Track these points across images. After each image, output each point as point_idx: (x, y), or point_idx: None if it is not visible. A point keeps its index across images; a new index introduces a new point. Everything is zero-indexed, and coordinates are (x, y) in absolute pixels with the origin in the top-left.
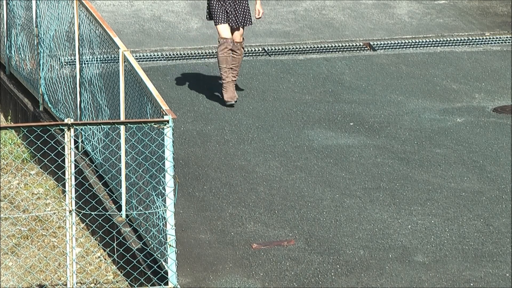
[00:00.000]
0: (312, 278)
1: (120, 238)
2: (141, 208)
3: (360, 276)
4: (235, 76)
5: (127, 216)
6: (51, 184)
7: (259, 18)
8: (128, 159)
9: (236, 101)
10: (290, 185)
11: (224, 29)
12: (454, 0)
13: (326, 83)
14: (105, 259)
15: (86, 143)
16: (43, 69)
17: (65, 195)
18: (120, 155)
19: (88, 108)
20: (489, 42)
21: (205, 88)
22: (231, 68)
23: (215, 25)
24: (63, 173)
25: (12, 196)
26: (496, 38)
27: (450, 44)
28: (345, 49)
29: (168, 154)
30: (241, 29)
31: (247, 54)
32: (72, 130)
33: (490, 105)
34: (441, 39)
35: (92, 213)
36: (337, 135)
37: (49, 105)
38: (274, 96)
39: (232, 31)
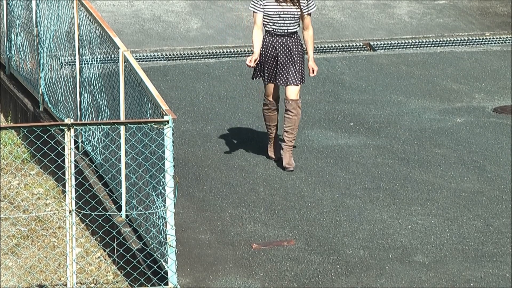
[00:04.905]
0: (312, 278)
1: (120, 238)
2: (141, 208)
3: (360, 276)
4: (292, 140)
5: (127, 216)
6: (51, 184)
7: (314, 76)
8: (128, 159)
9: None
10: (290, 185)
11: (270, 91)
12: (454, 0)
13: (326, 83)
14: (105, 259)
15: (86, 143)
16: (43, 69)
17: (65, 195)
18: (120, 155)
19: (88, 108)
20: (489, 42)
21: (205, 88)
22: (285, 131)
23: (263, 80)
24: (63, 173)
25: (12, 196)
26: (496, 38)
27: (450, 44)
28: (345, 49)
29: (168, 154)
30: (296, 87)
31: (248, 54)
32: (72, 130)
33: (490, 105)
34: (441, 39)
35: (92, 213)
36: (337, 135)
37: (49, 105)
38: None
39: (286, 88)
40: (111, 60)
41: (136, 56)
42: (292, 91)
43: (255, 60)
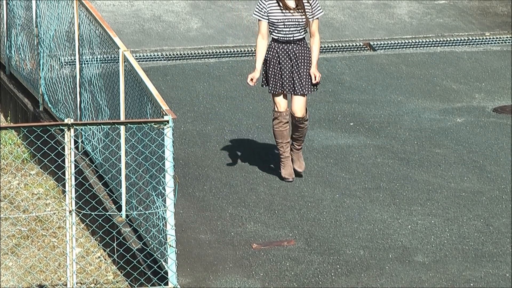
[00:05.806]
0: (312, 278)
1: (120, 238)
2: (141, 208)
3: (360, 276)
4: (300, 144)
5: (127, 216)
6: (51, 184)
7: (316, 83)
8: (128, 159)
9: (291, 180)
10: (290, 185)
11: (279, 101)
12: (454, 0)
13: (326, 83)
14: (105, 259)
15: (86, 143)
16: (43, 69)
17: (65, 195)
18: (120, 155)
19: (88, 108)
20: (489, 42)
21: (205, 88)
22: (293, 138)
23: (270, 92)
24: (63, 173)
25: (12, 196)
26: (496, 38)
27: (450, 44)
28: (345, 49)
29: (168, 154)
30: (302, 99)
31: (248, 54)
32: (72, 130)
33: (490, 105)
34: (441, 39)
35: (92, 213)
36: (337, 135)
37: (49, 105)
38: None
39: (293, 100)
40: (111, 60)
41: (136, 56)
42: (298, 106)
43: (256, 79)
